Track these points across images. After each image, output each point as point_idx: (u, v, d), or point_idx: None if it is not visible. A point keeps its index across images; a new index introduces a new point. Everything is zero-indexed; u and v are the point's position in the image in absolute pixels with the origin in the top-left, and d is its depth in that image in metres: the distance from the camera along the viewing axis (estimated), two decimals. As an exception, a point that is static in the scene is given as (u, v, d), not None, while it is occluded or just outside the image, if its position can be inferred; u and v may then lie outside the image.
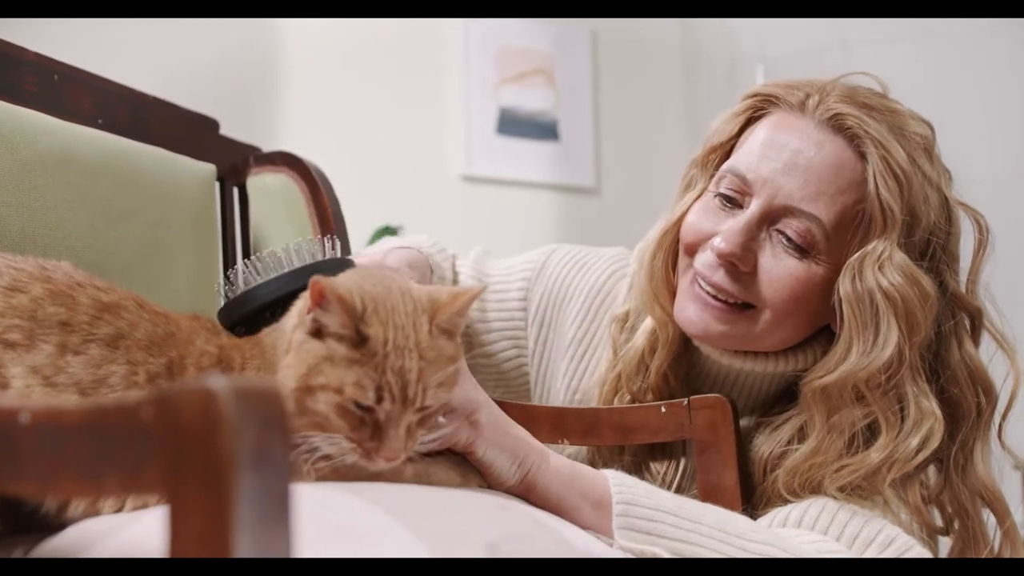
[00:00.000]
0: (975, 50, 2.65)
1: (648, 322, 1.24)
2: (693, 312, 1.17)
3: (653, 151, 3.31)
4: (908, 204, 1.10)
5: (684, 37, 3.35)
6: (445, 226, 2.89)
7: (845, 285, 1.11)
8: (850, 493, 1.09)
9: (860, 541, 1.05)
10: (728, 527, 1.00)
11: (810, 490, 1.11)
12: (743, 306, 1.15)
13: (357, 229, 1.82)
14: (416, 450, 0.90)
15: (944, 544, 1.17)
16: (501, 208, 3.14)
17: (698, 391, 1.22)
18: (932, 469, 1.16)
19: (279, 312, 0.96)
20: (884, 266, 1.09)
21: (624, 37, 3.34)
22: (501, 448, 0.99)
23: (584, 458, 1.25)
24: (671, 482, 1.22)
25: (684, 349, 1.23)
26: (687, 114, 3.31)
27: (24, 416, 0.56)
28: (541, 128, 3.22)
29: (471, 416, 0.97)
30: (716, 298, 1.15)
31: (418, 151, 3.08)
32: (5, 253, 0.92)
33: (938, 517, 1.16)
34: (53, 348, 0.85)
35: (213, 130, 1.52)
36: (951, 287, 1.15)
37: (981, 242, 1.18)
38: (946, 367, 1.15)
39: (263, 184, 1.55)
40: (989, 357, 1.17)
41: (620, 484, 1.00)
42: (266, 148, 1.60)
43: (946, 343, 1.15)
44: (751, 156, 1.15)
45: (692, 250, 1.18)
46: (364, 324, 0.85)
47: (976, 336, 1.17)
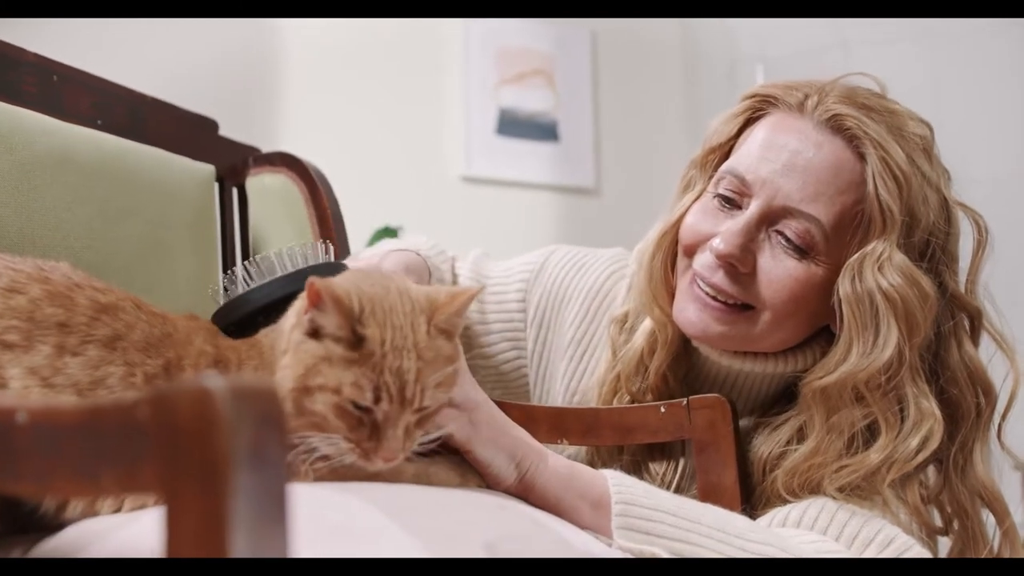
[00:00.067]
0: (975, 50, 2.64)
1: (647, 323, 1.24)
2: (692, 313, 1.17)
3: (653, 151, 3.30)
4: (907, 205, 1.10)
5: (684, 37, 3.35)
6: (445, 227, 2.89)
7: (844, 286, 1.11)
8: (849, 493, 1.09)
9: (859, 541, 1.05)
10: (727, 527, 1.00)
11: (809, 490, 1.10)
12: (742, 307, 1.15)
13: (357, 230, 1.82)
14: (414, 450, 0.90)
15: (944, 544, 1.17)
16: (501, 209, 3.14)
17: (697, 392, 1.22)
18: (931, 469, 1.16)
19: (273, 316, 0.96)
20: (884, 267, 1.09)
21: (624, 37, 3.34)
22: (499, 448, 0.99)
23: (583, 458, 1.25)
24: (670, 482, 1.22)
25: (683, 350, 1.23)
26: (687, 114, 3.31)
27: (21, 415, 0.56)
28: (541, 129, 3.22)
29: (471, 414, 0.97)
30: (715, 299, 1.15)
31: (418, 152, 3.08)
32: (3, 254, 0.92)
33: (937, 517, 1.16)
34: (51, 349, 0.85)
35: (212, 131, 1.53)
36: (950, 287, 1.15)
37: (980, 242, 1.18)
38: (946, 368, 1.15)
39: (262, 185, 1.55)
40: (989, 357, 1.17)
41: (619, 484, 1.00)
42: (266, 148, 1.60)
43: (945, 344, 1.15)
44: (750, 157, 1.15)
45: (691, 251, 1.18)
46: (361, 325, 0.85)
47: (975, 336, 1.17)
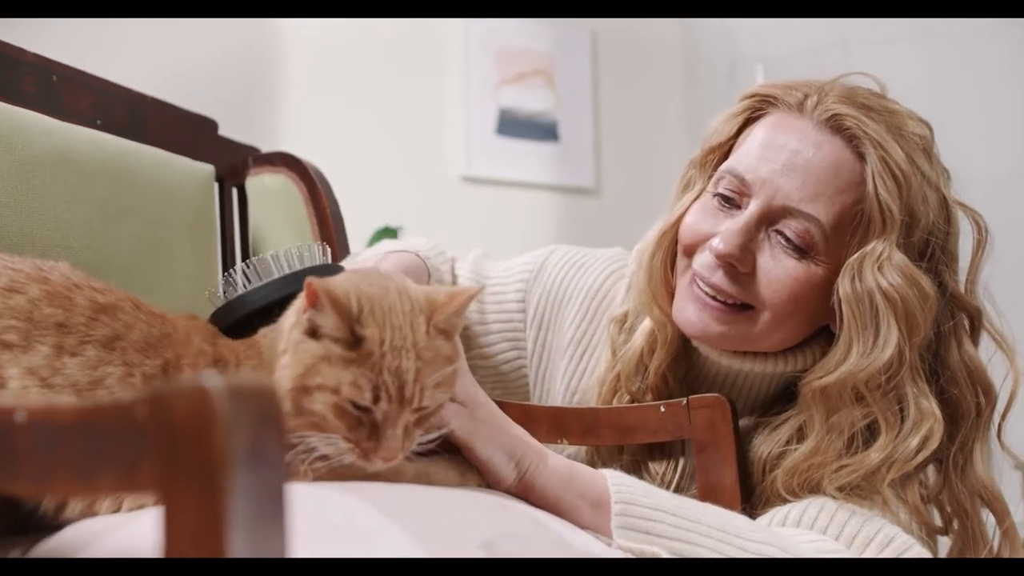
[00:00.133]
0: (975, 50, 2.64)
1: (647, 323, 1.24)
2: (692, 312, 1.16)
3: (653, 151, 3.30)
4: (907, 204, 1.10)
5: (684, 37, 3.35)
6: (445, 227, 2.89)
7: (844, 286, 1.11)
8: (849, 493, 1.08)
9: (859, 540, 1.05)
10: (727, 526, 1.00)
11: (809, 490, 1.10)
12: (742, 307, 1.15)
13: (357, 230, 1.82)
14: (414, 450, 0.90)
15: (943, 544, 1.17)
16: (501, 209, 3.13)
17: (697, 391, 1.22)
18: (931, 469, 1.16)
19: (269, 318, 0.96)
20: (883, 266, 1.09)
21: (624, 37, 3.34)
22: (499, 446, 0.99)
23: (583, 458, 1.25)
24: (670, 482, 1.22)
25: (683, 349, 1.23)
26: (687, 114, 3.30)
27: (20, 415, 0.56)
28: (541, 129, 3.22)
29: (472, 411, 0.97)
30: (715, 299, 1.15)
31: (418, 152, 3.08)
32: (3, 254, 0.92)
33: (937, 517, 1.16)
34: (50, 349, 0.85)
35: (212, 131, 1.53)
36: (950, 287, 1.15)
37: (980, 242, 1.18)
38: (945, 367, 1.15)
39: (262, 185, 1.55)
40: (988, 357, 1.17)
41: (619, 483, 1.00)
42: (266, 148, 1.60)
43: (945, 343, 1.15)
44: (749, 157, 1.15)
45: (691, 251, 1.18)
46: (360, 325, 0.85)
47: (975, 336, 1.17)
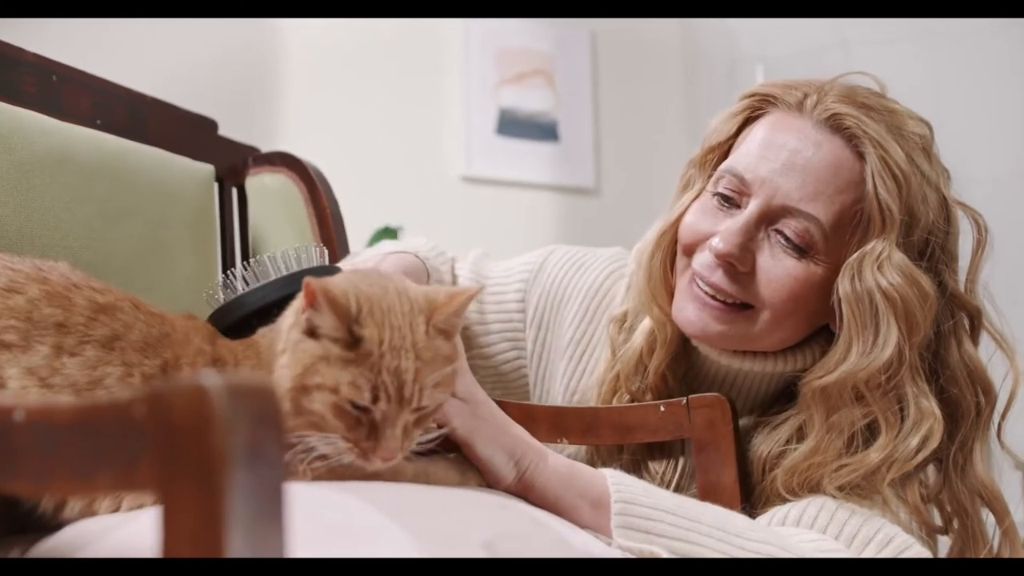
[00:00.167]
0: (975, 50, 2.64)
1: (646, 322, 1.24)
2: (692, 312, 1.16)
3: (653, 151, 3.30)
4: (906, 204, 1.10)
5: (684, 37, 3.35)
6: (445, 227, 2.89)
7: (844, 285, 1.10)
8: (849, 492, 1.08)
9: (859, 540, 1.05)
10: (727, 526, 1.00)
11: (809, 489, 1.10)
12: (741, 306, 1.15)
13: (357, 230, 1.82)
14: (413, 450, 0.90)
15: (943, 543, 1.17)
16: (501, 209, 3.13)
17: (697, 391, 1.22)
18: (931, 468, 1.16)
19: (266, 319, 0.96)
20: (883, 266, 1.09)
21: (624, 37, 3.34)
22: (499, 446, 0.99)
23: (583, 458, 1.25)
24: (670, 481, 1.22)
25: (683, 349, 1.23)
26: (687, 114, 3.30)
27: (19, 414, 0.56)
28: (541, 129, 3.22)
29: (473, 409, 0.98)
30: (714, 298, 1.15)
31: (418, 152, 3.08)
32: (2, 254, 0.92)
33: (937, 516, 1.16)
34: (49, 349, 0.85)
35: (212, 130, 1.53)
36: (950, 287, 1.15)
37: (980, 241, 1.18)
38: (945, 367, 1.15)
39: (262, 184, 1.55)
40: (988, 357, 1.17)
41: (618, 483, 1.00)
42: (266, 148, 1.60)
43: (945, 343, 1.15)
44: (749, 156, 1.15)
45: (690, 250, 1.18)
46: (358, 325, 0.85)
47: (975, 336, 1.17)
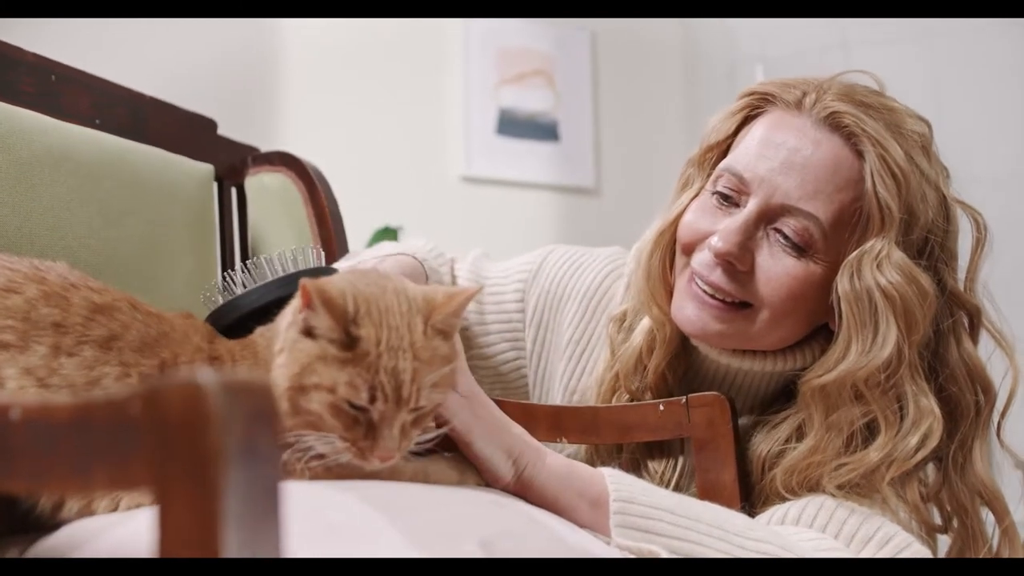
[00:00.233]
0: (975, 50, 2.64)
1: (646, 321, 1.24)
2: (691, 311, 1.16)
3: (653, 151, 3.30)
4: (906, 202, 1.10)
5: (684, 37, 3.35)
6: (445, 227, 2.89)
7: (843, 284, 1.10)
8: (848, 491, 1.08)
9: (858, 539, 1.05)
10: (726, 525, 1.00)
11: (808, 488, 1.10)
12: (740, 305, 1.14)
13: (357, 230, 1.82)
14: (412, 450, 0.90)
15: (943, 542, 1.17)
16: (501, 209, 3.13)
17: (696, 390, 1.22)
18: (931, 467, 1.16)
19: (263, 320, 0.96)
20: (882, 264, 1.09)
21: (624, 37, 3.34)
22: (497, 445, 0.99)
23: (583, 457, 1.25)
24: (669, 480, 1.22)
25: (682, 348, 1.23)
26: (687, 114, 3.30)
27: (15, 412, 0.55)
28: (541, 129, 3.22)
29: (472, 407, 0.98)
30: (713, 297, 1.14)
31: (418, 152, 3.08)
32: (1, 253, 0.92)
33: (937, 515, 1.16)
34: (47, 349, 0.85)
35: (211, 130, 1.53)
36: (949, 285, 1.15)
37: (979, 240, 1.18)
38: (945, 365, 1.14)
39: (261, 184, 1.56)
40: (988, 356, 1.17)
41: (617, 482, 1.00)
42: (267, 148, 1.60)
43: (945, 341, 1.15)
44: (748, 155, 1.15)
45: (689, 249, 1.18)
46: (356, 325, 0.85)
47: (975, 334, 1.17)
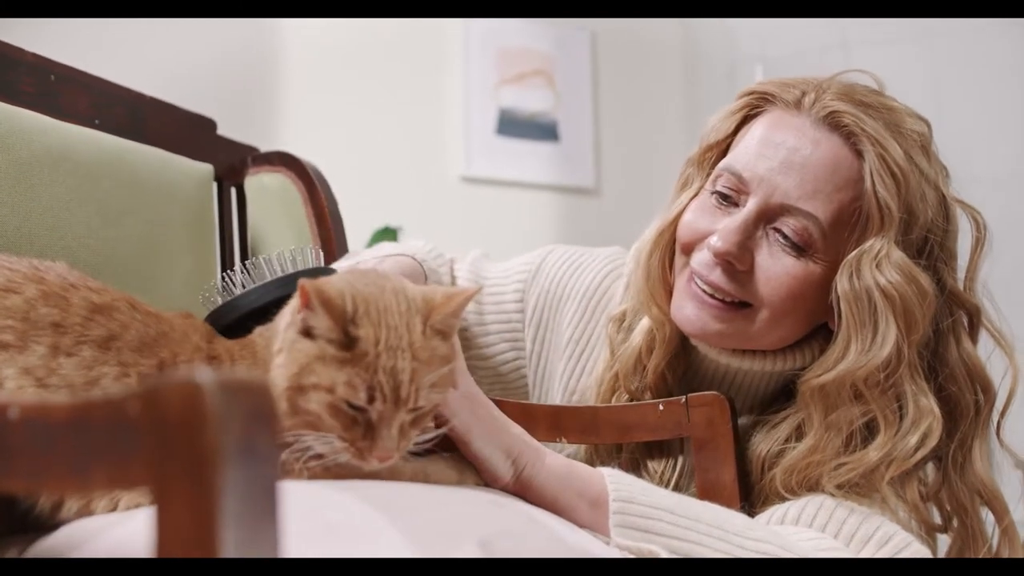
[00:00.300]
0: (975, 50, 2.64)
1: (645, 321, 1.23)
2: (690, 311, 1.16)
3: (653, 151, 3.30)
4: (905, 202, 1.10)
5: (684, 37, 3.35)
6: (445, 227, 2.89)
7: (843, 283, 1.10)
8: (848, 491, 1.08)
9: (858, 538, 1.05)
10: (726, 525, 1.00)
11: (808, 488, 1.10)
12: (740, 305, 1.14)
13: (357, 230, 1.82)
14: (410, 450, 0.90)
15: (943, 542, 1.17)
16: (501, 209, 3.13)
17: (696, 390, 1.22)
18: (931, 467, 1.16)
19: (261, 321, 0.96)
20: (882, 264, 1.09)
21: (624, 37, 3.34)
22: (496, 445, 0.99)
23: (582, 457, 1.25)
24: (669, 480, 1.22)
25: (681, 348, 1.23)
26: (687, 114, 3.30)
27: (13, 412, 0.56)
28: (541, 129, 3.22)
29: (472, 407, 0.98)
30: (713, 296, 1.14)
31: (418, 152, 3.08)
32: (0, 254, 0.92)
33: (937, 515, 1.16)
34: (45, 349, 0.85)
35: (211, 130, 1.53)
36: (949, 285, 1.15)
37: (979, 240, 1.17)
38: (944, 365, 1.14)
39: (261, 184, 1.56)
40: (987, 355, 1.17)
41: (617, 482, 1.00)
42: (267, 148, 1.60)
43: (944, 341, 1.15)
44: (747, 154, 1.15)
45: (689, 249, 1.18)
46: (354, 325, 0.85)
47: (974, 334, 1.17)
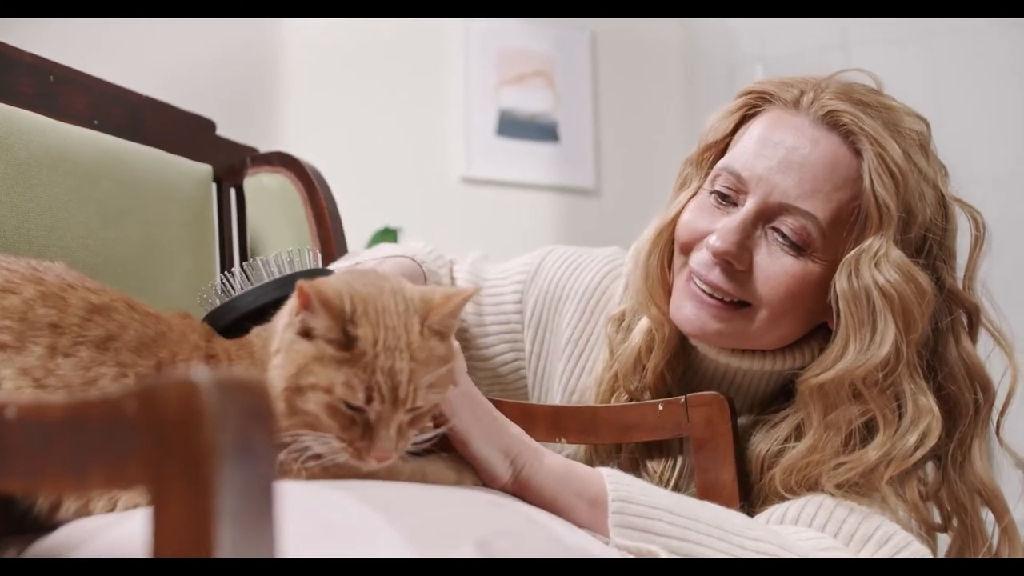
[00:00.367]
0: (975, 50, 2.64)
1: (644, 321, 1.23)
2: (689, 310, 1.16)
3: (653, 152, 3.30)
4: (904, 201, 1.10)
5: (684, 37, 3.35)
6: (445, 228, 2.89)
7: (841, 282, 1.10)
8: (847, 490, 1.08)
9: (857, 538, 1.04)
10: (725, 524, 1.00)
11: (807, 487, 1.10)
12: (739, 304, 1.14)
13: (357, 231, 1.82)
14: (409, 450, 0.90)
15: (943, 541, 1.17)
16: (501, 210, 3.13)
17: (695, 390, 1.22)
18: (930, 466, 1.16)
19: (259, 322, 0.96)
20: (880, 263, 1.09)
21: (624, 37, 3.34)
22: (495, 445, 0.99)
23: (582, 457, 1.25)
24: (668, 480, 1.22)
25: (681, 348, 1.23)
26: (687, 114, 3.30)
27: (10, 411, 0.56)
28: (541, 130, 3.22)
29: (471, 407, 0.98)
30: (712, 296, 1.14)
31: (418, 152, 3.08)
32: (-1, 254, 0.93)
33: (936, 514, 1.16)
34: (43, 350, 0.85)
35: (210, 131, 1.52)
36: (948, 284, 1.15)
37: (978, 238, 1.17)
38: (943, 364, 1.14)
39: (260, 185, 1.56)
40: (987, 354, 1.17)
41: (616, 482, 1.00)
42: (266, 149, 1.60)
43: (943, 340, 1.15)
44: (746, 154, 1.15)
45: (687, 248, 1.18)
46: (353, 325, 0.85)
47: (973, 333, 1.17)
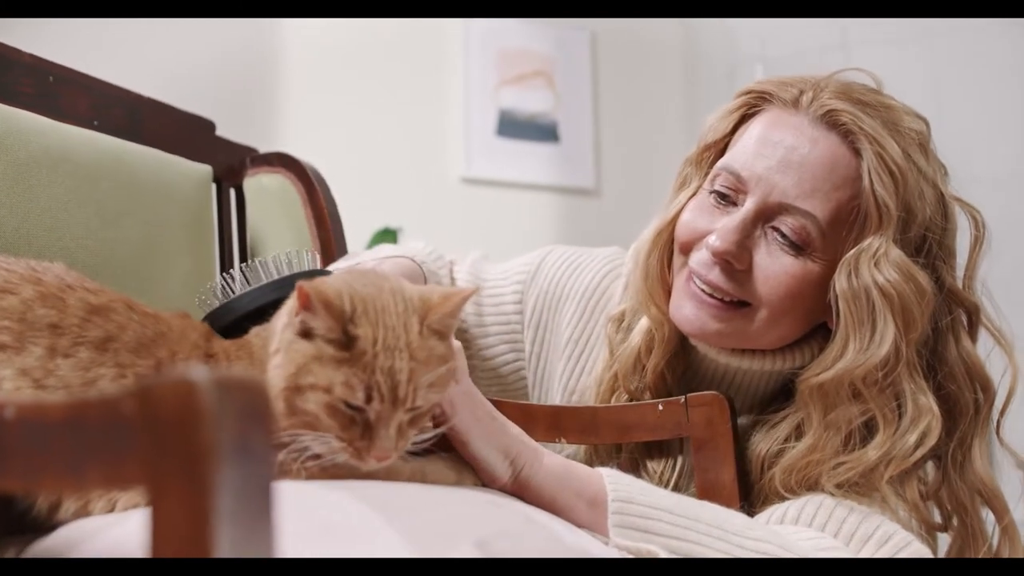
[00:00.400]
0: (975, 50, 2.64)
1: (644, 321, 1.23)
2: (689, 310, 1.16)
3: (653, 152, 3.30)
4: (903, 200, 1.10)
5: (684, 37, 3.35)
6: (445, 228, 2.89)
7: (841, 282, 1.10)
8: (847, 490, 1.08)
9: (857, 537, 1.04)
10: (725, 524, 1.00)
11: (807, 487, 1.10)
12: (739, 304, 1.14)
13: (356, 231, 1.82)
14: (409, 450, 0.90)
15: (943, 541, 1.17)
16: (501, 210, 3.13)
17: (695, 390, 1.22)
18: (930, 465, 1.16)
19: (257, 323, 0.97)
20: (880, 262, 1.09)
21: (624, 37, 3.34)
22: (494, 445, 0.99)
23: (582, 457, 1.25)
24: (668, 480, 1.22)
25: (680, 348, 1.23)
26: (687, 115, 3.30)
27: (9, 411, 0.55)
28: (541, 130, 3.22)
29: (471, 406, 0.98)
30: (711, 296, 1.14)
31: (418, 153, 3.08)
32: (-2, 254, 0.93)
33: (937, 514, 1.16)
34: (43, 351, 0.85)
35: (209, 131, 1.52)
36: (948, 283, 1.15)
37: (978, 238, 1.17)
38: (943, 363, 1.14)
39: (260, 185, 1.56)
40: (987, 354, 1.17)
41: (615, 482, 1.00)
42: (266, 149, 1.60)
43: (943, 339, 1.15)
44: (745, 153, 1.15)
45: (687, 248, 1.18)
46: (353, 325, 0.85)
47: (973, 332, 1.17)
